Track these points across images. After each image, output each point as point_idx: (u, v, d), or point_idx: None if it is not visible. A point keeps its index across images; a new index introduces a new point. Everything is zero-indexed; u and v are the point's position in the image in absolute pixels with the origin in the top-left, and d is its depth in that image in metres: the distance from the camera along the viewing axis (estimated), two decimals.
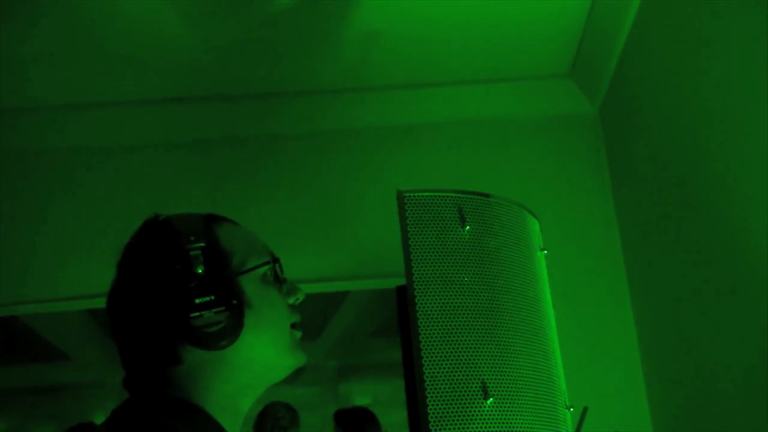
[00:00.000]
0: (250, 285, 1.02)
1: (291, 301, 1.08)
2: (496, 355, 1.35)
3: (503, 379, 1.34)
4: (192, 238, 0.99)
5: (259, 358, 1.02)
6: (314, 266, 2.30)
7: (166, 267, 0.98)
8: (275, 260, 1.08)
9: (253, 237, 1.09)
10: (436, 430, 1.27)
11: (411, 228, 1.39)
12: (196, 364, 0.99)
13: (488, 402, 1.31)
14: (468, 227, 1.42)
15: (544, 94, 2.53)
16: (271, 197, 2.41)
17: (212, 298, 0.96)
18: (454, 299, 1.36)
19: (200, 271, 0.97)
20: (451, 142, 2.49)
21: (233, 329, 0.97)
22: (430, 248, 1.39)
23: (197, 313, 0.95)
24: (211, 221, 1.06)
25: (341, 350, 2.36)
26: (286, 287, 1.08)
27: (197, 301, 0.95)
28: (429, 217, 1.41)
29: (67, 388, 2.29)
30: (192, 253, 0.98)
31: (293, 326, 1.08)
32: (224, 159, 2.47)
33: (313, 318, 2.33)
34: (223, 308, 0.96)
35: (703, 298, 1.86)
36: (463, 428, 1.28)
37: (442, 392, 1.29)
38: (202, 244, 0.99)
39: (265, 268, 1.05)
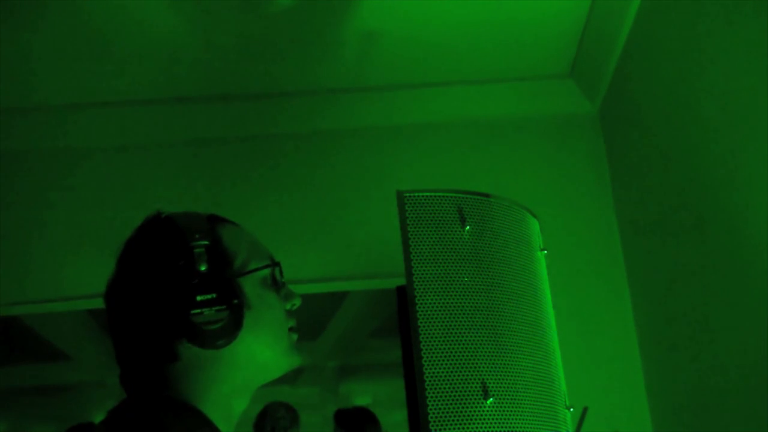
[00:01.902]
0: (250, 287, 1.03)
1: (288, 306, 1.09)
2: (496, 355, 1.35)
3: (503, 379, 1.34)
4: (196, 236, 0.99)
5: (256, 358, 1.02)
6: (314, 266, 2.30)
7: (170, 262, 0.98)
8: (276, 264, 1.08)
9: (254, 240, 1.09)
10: (436, 430, 1.27)
11: (411, 228, 1.39)
12: (192, 363, 0.99)
13: (488, 402, 1.31)
14: (468, 227, 1.42)
15: (544, 94, 2.53)
16: (271, 197, 2.41)
17: (214, 296, 0.96)
18: (454, 299, 1.36)
19: (203, 268, 0.97)
20: (451, 142, 2.49)
21: (232, 329, 0.97)
22: (430, 248, 1.39)
23: (198, 310, 0.95)
24: (214, 221, 1.06)
25: (341, 350, 2.36)
26: (284, 292, 1.09)
27: (198, 298, 0.96)
28: (429, 217, 1.41)
29: (67, 388, 2.29)
30: (196, 250, 0.98)
31: (290, 329, 1.08)
32: (224, 159, 2.47)
33: (313, 318, 2.33)
34: (224, 307, 0.96)
35: (704, 298, 1.86)
36: (463, 428, 1.28)
37: (442, 392, 1.29)
38: (206, 242, 0.99)
39: (266, 271, 1.06)
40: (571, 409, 1.50)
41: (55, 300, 2.28)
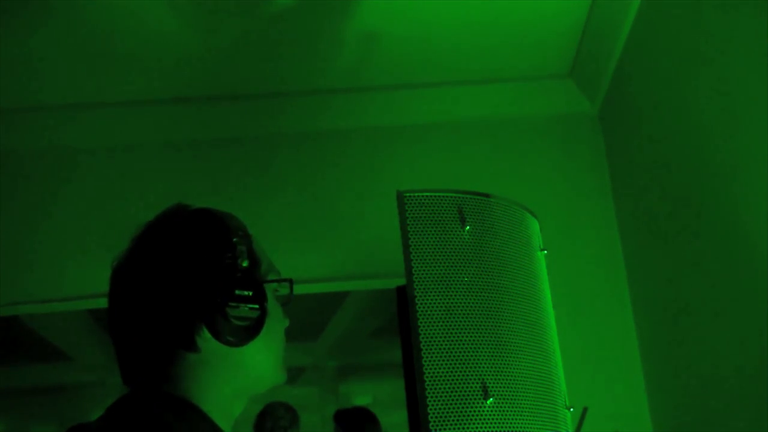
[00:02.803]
0: (269, 295, 1.04)
1: (285, 324, 1.10)
2: (496, 355, 1.35)
3: (503, 379, 1.34)
4: (240, 233, 1.01)
5: (259, 365, 1.03)
6: (314, 266, 2.30)
7: (215, 253, 0.99)
8: (290, 280, 1.09)
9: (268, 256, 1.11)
10: (436, 430, 1.27)
11: (411, 228, 1.39)
12: (204, 357, 0.98)
13: (488, 402, 1.31)
14: (468, 227, 1.42)
15: (544, 94, 2.53)
16: (271, 197, 2.41)
17: (250, 294, 0.98)
18: (454, 299, 1.36)
19: (245, 265, 0.99)
20: (451, 142, 2.49)
21: (254, 330, 0.99)
22: (430, 248, 1.39)
23: (235, 303, 0.96)
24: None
25: (341, 350, 2.36)
26: (283, 311, 1.10)
27: (237, 292, 0.97)
28: (429, 217, 1.41)
29: (67, 388, 2.29)
30: (239, 246, 1.00)
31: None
32: (224, 159, 2.47)
33: (313, 318, 2.33)
34: (257, 306, 0.98)
35: (704, 298, 1.86)
36: (463, 428, 1.28)
37: (442, 392, 1.29)
38: (249, 242, 1.02)
39: (282, 285, 1.07)
40: (571, 409, 1.50)
41: (55, 300, 2.28)
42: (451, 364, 1.31)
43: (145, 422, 0.91)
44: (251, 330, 0.98)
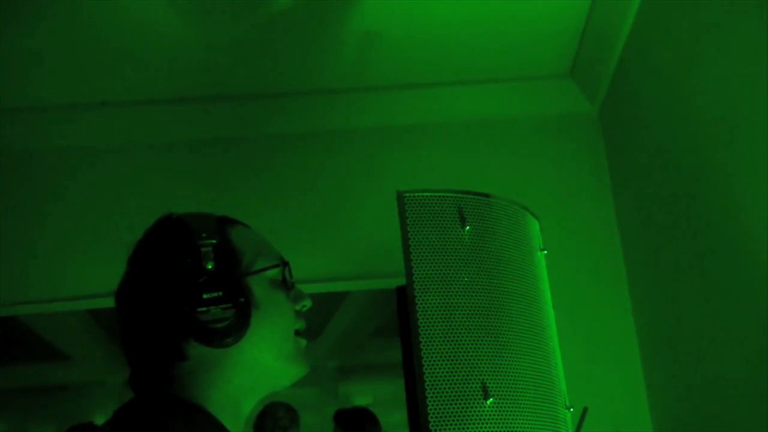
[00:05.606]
0: (258, 286, 1.03)
1: (297, 307, 1.09)
2: (496, 355, 1.35)
3: (503, 379, 1.34)
4: (204, 235, 0.99)
5: (263, 360, 1.02)
6: (314, 266, 2.30)
7: (176, 261, 0.98)
8: (284, 263, 1.08)
9: (264, 241, 1.10)
10: (436, 430, 1.27)
11: (411, 228, 1.39)
12: (199, 362, 0.98)
13: (488, 402, 1.31)
14: (468, 227, 1.42)
15: (544, 94, 2.53)
16: (271, 197, 2.41)
17: (220, 294, 0.96)
18: (454, 299, 1.36)
19: (210, 267, 0.97)
20: (451, 142, 2.49)
21: (238, 327, 0.97)
22: (430, 248, 1.39)
23: (204, 308, 0.95)
24: (224, 222, 1.07)
25: (341, 350, 2.36)
26: (294, 293, 1.09)
27: (205, 296, 0.96)
28: (429, 217, 1.41)
29: (67, 388, 2.29)
30: (203, 249, 0.98)
31: (298, 333, 1.08)
32: (224, 159, 2.47)
33: (313, 318, 2.33)
34: (229, 305, 0.96)
35: (704, 298, 1.86)
36: (463, 428, 1.28)
37: (442, 392, 1.29)
38: (214, 241, 0.99)
39: (275, 271, 1.06)
40: (571, 409, 1.50)
41: (55, 300, 2.28)
42: (451, 364, 1.31)
43: (154, 426, 0.91)
44: (234, 328, 0.97)
